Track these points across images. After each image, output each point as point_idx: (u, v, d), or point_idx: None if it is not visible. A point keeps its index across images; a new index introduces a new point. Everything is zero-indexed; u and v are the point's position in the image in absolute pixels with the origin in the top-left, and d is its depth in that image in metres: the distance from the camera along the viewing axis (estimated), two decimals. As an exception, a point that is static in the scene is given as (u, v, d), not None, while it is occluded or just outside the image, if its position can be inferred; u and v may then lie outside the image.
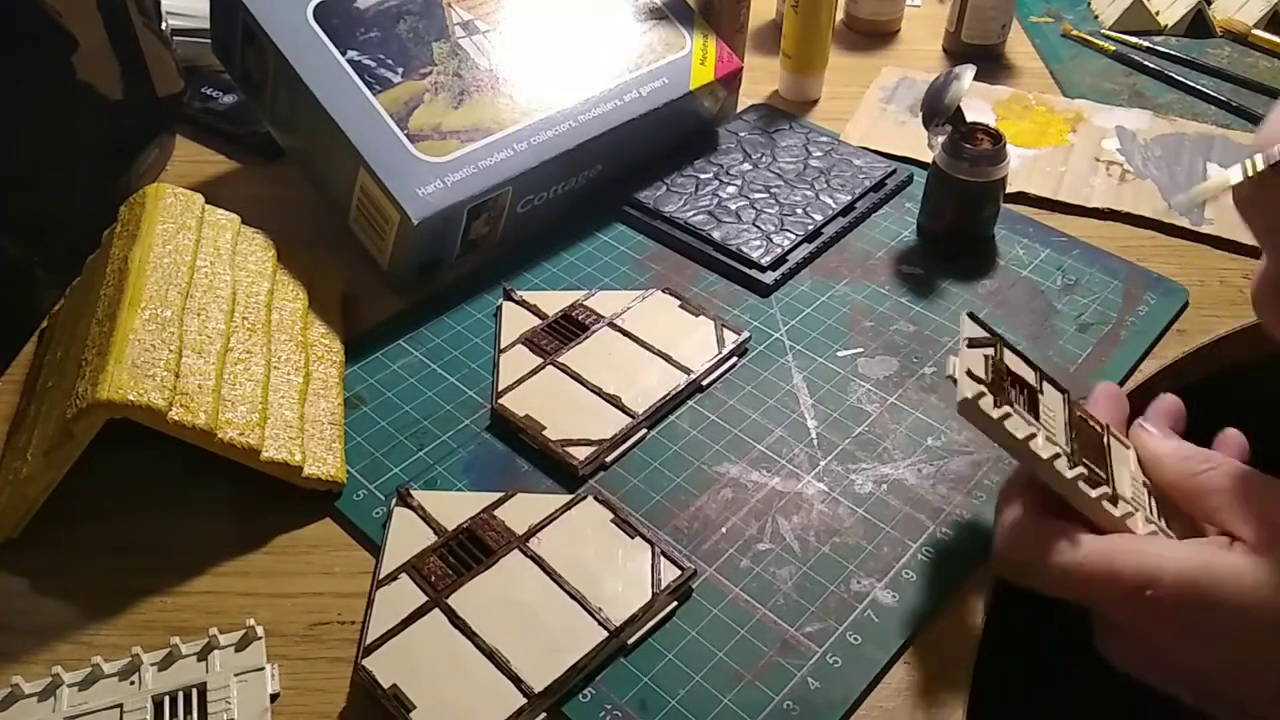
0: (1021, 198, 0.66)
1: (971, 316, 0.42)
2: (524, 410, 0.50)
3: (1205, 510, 0.39)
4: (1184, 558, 0.36)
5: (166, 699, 0.39)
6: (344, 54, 0.57)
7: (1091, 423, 0.42)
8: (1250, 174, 0.36)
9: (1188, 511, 0.40)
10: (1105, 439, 0.42)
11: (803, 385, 0.53)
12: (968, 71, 0.59)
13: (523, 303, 0.57)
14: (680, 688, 0.39)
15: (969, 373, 0.39)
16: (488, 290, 0.59)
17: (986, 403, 0.38)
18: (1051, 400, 0.42)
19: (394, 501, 0.46)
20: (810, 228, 0.62)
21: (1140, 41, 0.85)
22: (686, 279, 0.59)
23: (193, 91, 0.72)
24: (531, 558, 0.43)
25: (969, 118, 0.60)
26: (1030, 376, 0.42)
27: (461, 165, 0.56)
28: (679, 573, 0.42)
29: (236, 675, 0.39)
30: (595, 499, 0.45)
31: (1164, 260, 0.61)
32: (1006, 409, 0.39)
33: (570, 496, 0.46)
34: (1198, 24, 0.87)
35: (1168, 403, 0.44)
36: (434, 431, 0.50)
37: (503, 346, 0.54)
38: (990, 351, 0.41)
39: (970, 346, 0.41)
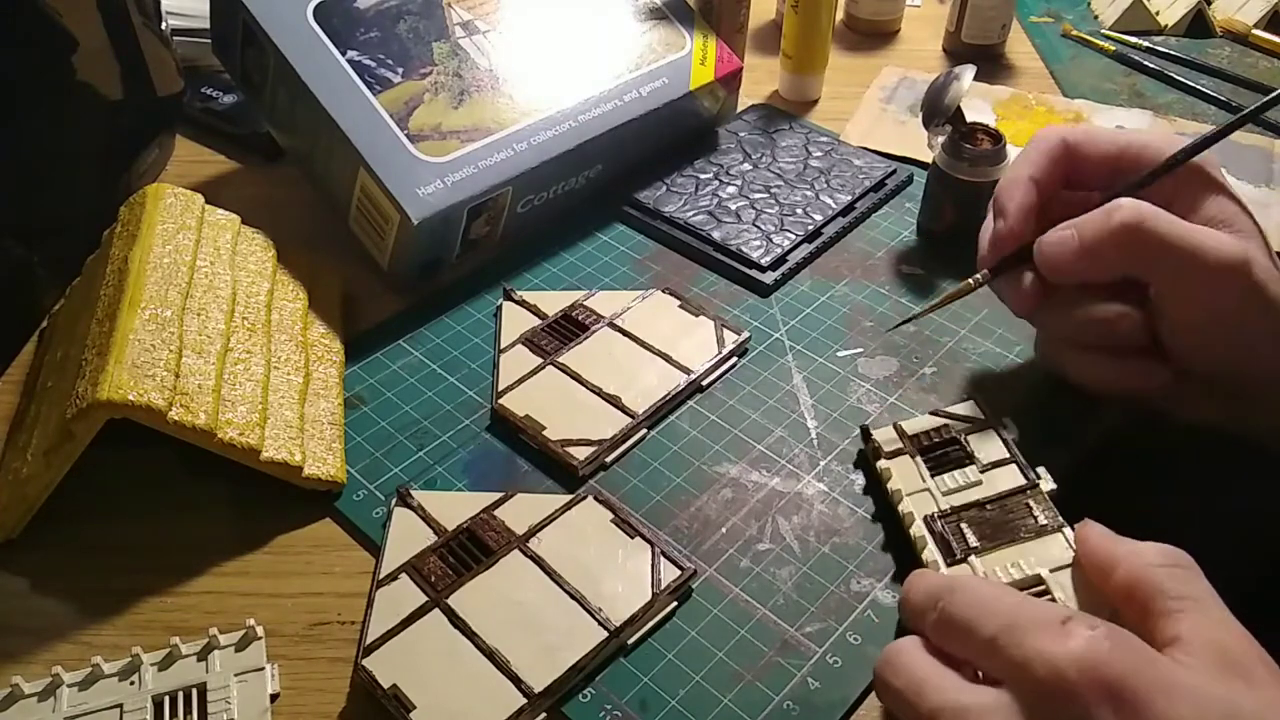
0: (1021, 198, 0.66)
1: (977, 402, 0.48)
2: (524, 410, 0.50)
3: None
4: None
5: (166, 699, 0.39)
6: (344, 54, 0.57)
7: (1039, 519, 0.41)
8: (976, 286, 0.48)
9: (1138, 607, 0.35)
10: (1040, 536, 0.41)
11: (803, 385, 0.53)
12: (968, 71, 0.59)
13: (523, 303, 0.57)
14: (680, 688, 0.39)
15: (897, 427, 0.47)
16: (488, 290, 0.59)
17: (879, 458, 0.46)
18: (1000, 478, 0.44)
19: (394, 501, 0.46)
20: (810, 228, 0.62)
21: (1140, 41, 0.85)
22: (686, 279, 0.59)
23: (193, 91, 0.72)
24: (531, 558, 0.43)
25: (969, 118, 0.60)
26: (991, 454, 0.45)
27: (461, 165, 0.56)
28: (679, 573, 0.42)
29: (236, 675, 0.39)
30: (595, 499, 0.45)
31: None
32: (887, 464, 0.46)
33: (570, 496, 0.46)
34: (1198, 24, 0.87)
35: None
36: (434, 431, 0.50)
37: (503, 346, 0.54)
38: (944, 422, 0.47)
39: (934, 415, 0.47)
